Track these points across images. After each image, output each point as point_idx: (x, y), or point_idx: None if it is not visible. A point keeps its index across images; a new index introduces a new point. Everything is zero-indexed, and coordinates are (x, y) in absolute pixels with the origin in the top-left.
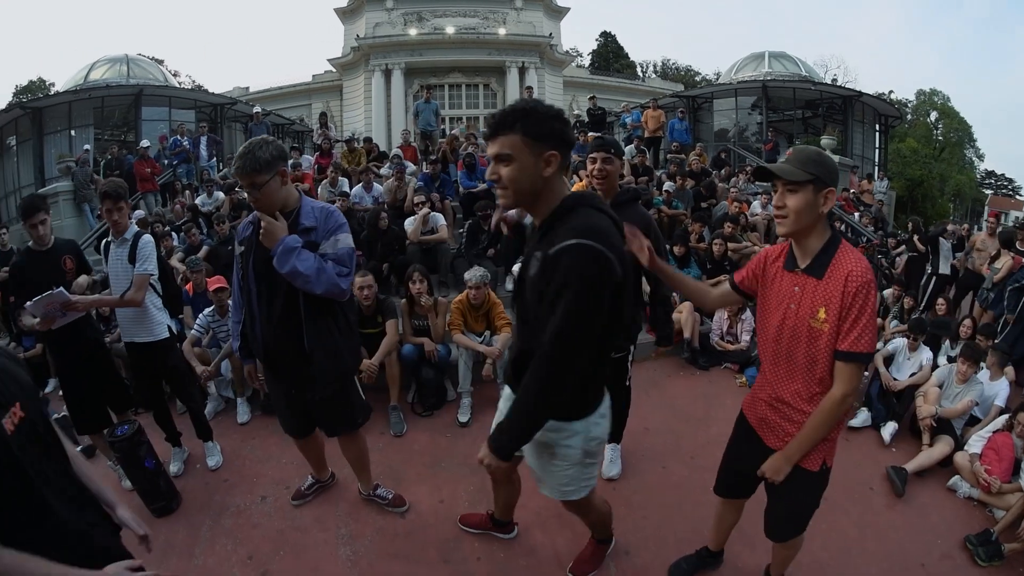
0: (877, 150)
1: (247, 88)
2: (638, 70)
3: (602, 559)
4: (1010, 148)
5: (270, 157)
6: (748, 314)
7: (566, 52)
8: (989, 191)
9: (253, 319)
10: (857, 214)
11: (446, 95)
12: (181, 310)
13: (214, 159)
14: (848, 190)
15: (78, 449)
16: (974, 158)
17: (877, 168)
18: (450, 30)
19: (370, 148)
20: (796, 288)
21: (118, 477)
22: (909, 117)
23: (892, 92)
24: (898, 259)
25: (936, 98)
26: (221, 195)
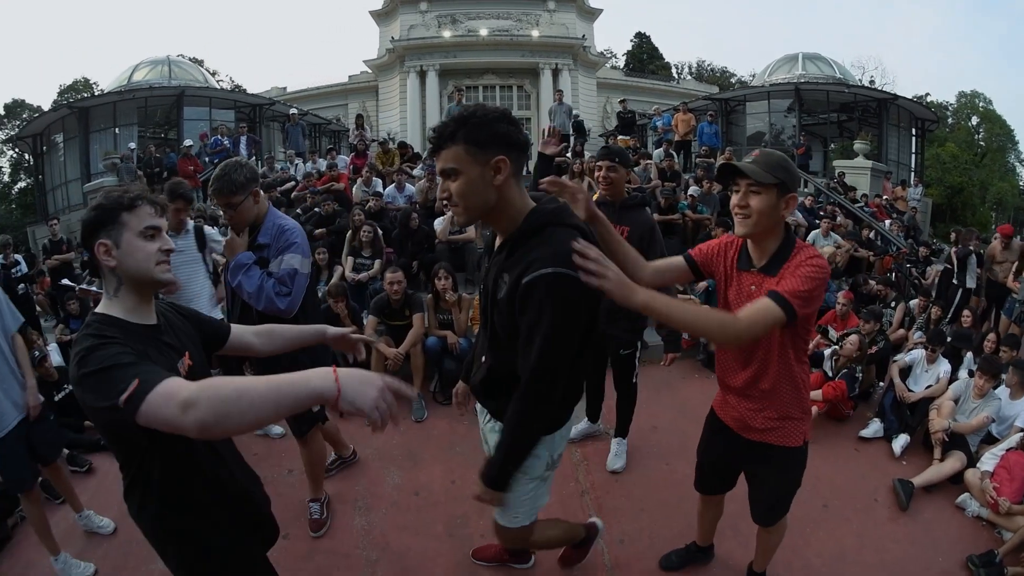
0: (913, 155)
1: (284, 88)
2: (673, 71)
3: (586, 553)
4: None
5: (244, 180)
6: None
7: (600, 53)
8: None
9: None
10: (888, 221)
11: (480, 97)
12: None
13: (253, 158)
14: (880, 196)
15: None
16: (1017, 164)
17: (912, 174)
18: (483, 32)
19: (404, 151)
20: (753, 287)
21: None
22: (949, 121)
23: (928, 95)
24: (928, 269)
25: (978, 101)
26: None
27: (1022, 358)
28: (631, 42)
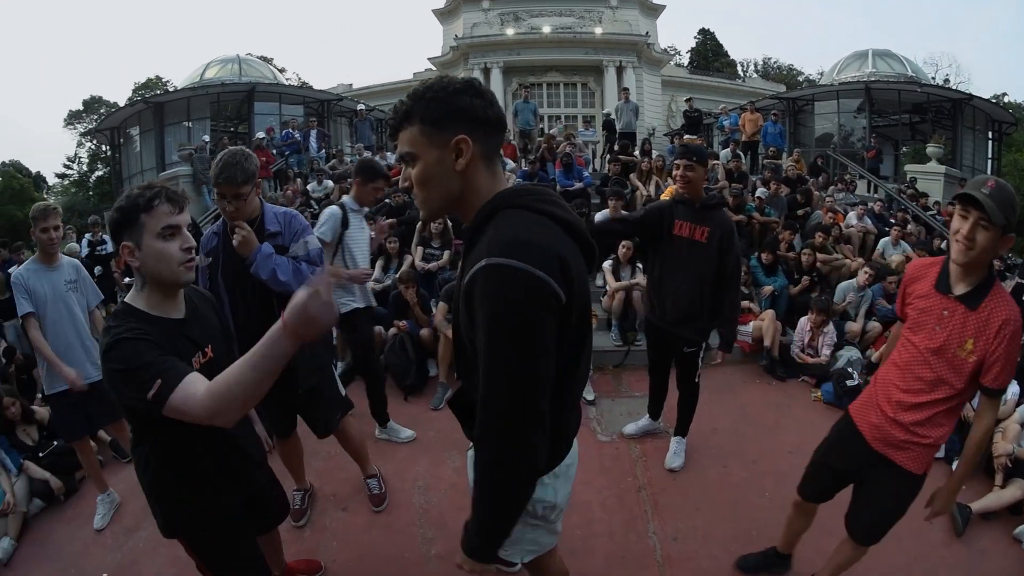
0: (989, 160)
1: (350, 85)
2: (738, 68)
3: None
4: None
5: (253, 170)
6: (831, 327)
7: (663, 51)
8: None
9: None
10: None
11: (544, 94)
12: None
13: (323, 151)
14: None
15: None
16: None
17: None
18: (546, 29)
19: None
20: (945, 312)
21: None
22: None
23: (1006, 95)
24: (1002, 284)
25: None
26: (330, 183)
27: None
28: (695, 39)
